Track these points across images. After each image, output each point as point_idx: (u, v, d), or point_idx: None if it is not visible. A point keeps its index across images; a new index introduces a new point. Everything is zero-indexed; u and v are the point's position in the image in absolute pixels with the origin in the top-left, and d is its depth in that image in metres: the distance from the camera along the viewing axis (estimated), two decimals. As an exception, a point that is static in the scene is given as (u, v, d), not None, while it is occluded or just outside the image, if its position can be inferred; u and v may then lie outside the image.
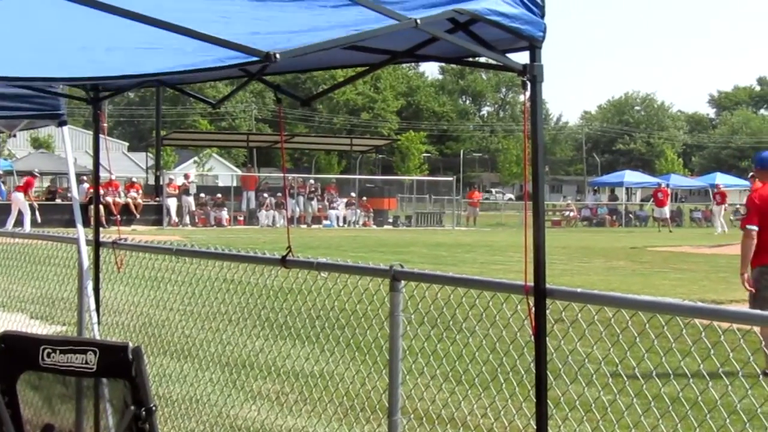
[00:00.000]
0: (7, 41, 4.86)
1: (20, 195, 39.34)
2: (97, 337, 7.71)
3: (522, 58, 4.57)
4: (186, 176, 52.51)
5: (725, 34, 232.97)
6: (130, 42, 4.56)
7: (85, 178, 38.96)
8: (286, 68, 6.18)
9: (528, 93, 4.54)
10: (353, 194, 54.54)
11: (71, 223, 8.47)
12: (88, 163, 35.47)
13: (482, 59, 4.93)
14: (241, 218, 50.71)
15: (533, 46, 4.52)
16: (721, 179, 71.15)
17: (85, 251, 8.11)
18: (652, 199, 60.06)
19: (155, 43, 4.34)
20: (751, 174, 40.00)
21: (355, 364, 7.57)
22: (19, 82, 7.04)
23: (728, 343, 4.61)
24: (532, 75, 4.50)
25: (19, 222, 37.10)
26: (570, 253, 29.54)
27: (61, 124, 8.31)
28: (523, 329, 5.25)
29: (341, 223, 52.14)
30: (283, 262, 6.51)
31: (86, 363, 3.96)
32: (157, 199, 48.45)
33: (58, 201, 45.22)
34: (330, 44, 3.73)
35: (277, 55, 3.45)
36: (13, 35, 4.91)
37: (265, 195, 51.89)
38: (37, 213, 39.09)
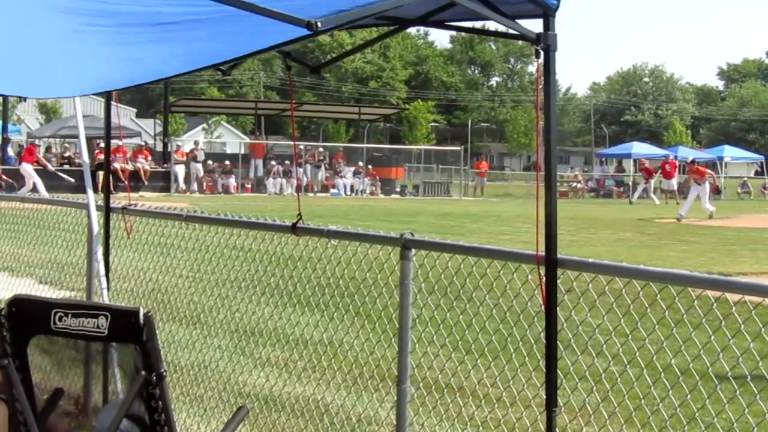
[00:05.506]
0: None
1: (28, 166, 39.00)
2: (107, 303, 7.72)
3: (535, 27, 4.54)
4: (195, 143, 52.47)
5: (735, 5, 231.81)
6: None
7: (100, 142, 38.59)
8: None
9: (541, 62, 4.51)
10: (361, 163, 54.48)
11: (80, 189, 8.45)
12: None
13: (495, 28, 4.89)
14: (249, 186, 50.75)
15: (547, 14, 4.49)
16: (729, 152, 70.97)
17: (95, 216, 8.09)
18: (659, 171, 59.88)
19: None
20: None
21: (364, 333, 7.56)
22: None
23: (739, 315, 4.59)
24: (545, 44, 4.47)
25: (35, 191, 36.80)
26: (577, 224, 29.51)
27: (72, 88, 8.27)
28: (533, 299, 5.24)
29: (348, 192, 52.12)
30: (294, 229, 6.49)
31: (98, 327, 3.96)
32: (165, 165, 48.45)
33: (66, 167, 45.14)
34: (369, 11, 3.67)
35: (319, 24, 3.41)
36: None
37: (273, 163, 51.86)
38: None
